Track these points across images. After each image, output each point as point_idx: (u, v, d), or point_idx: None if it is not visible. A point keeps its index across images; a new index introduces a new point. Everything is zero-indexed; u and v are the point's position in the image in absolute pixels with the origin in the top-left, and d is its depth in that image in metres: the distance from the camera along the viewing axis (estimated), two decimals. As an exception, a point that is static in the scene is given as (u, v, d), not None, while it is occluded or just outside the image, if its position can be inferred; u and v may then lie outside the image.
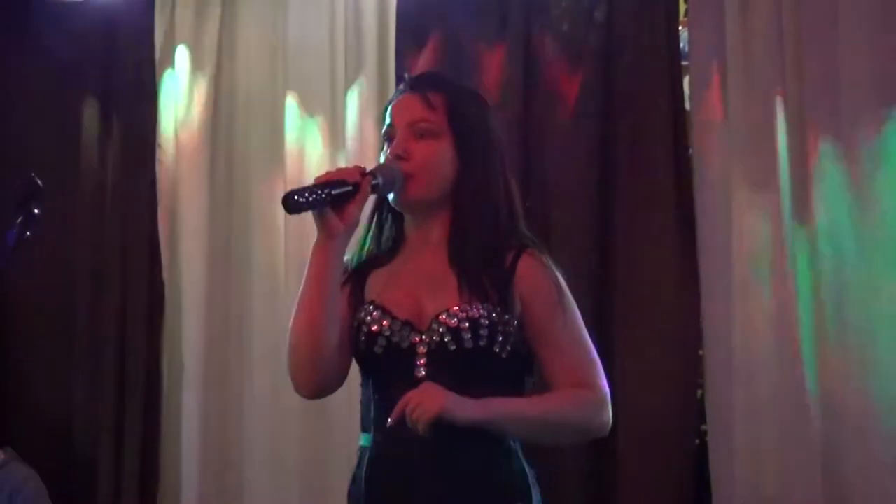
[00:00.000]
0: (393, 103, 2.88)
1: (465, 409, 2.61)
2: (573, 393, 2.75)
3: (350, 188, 2.65)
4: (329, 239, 2.67)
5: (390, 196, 2.81)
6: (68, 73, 5.30)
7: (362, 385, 2.85)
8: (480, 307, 2.70)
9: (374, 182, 2.70)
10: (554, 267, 2.80)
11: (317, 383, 2.80)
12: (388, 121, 2.86)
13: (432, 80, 2.93)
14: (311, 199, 2.60)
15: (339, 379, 2.81)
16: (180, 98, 5.17)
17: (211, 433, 5.04)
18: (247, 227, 5.08)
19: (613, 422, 2.81)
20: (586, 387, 2.75)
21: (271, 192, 5.04)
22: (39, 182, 3.10)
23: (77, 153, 5.28)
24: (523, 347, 2.76)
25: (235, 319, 5.08)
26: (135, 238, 5.16)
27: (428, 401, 2.57)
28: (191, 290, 5.09)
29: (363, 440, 2.81)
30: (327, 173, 2.69)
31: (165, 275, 5.14)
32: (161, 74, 5.21)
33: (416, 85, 2.86)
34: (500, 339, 2.70)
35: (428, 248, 2.82)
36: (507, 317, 2.71)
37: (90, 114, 5.29)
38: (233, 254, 5.11)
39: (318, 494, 4.90)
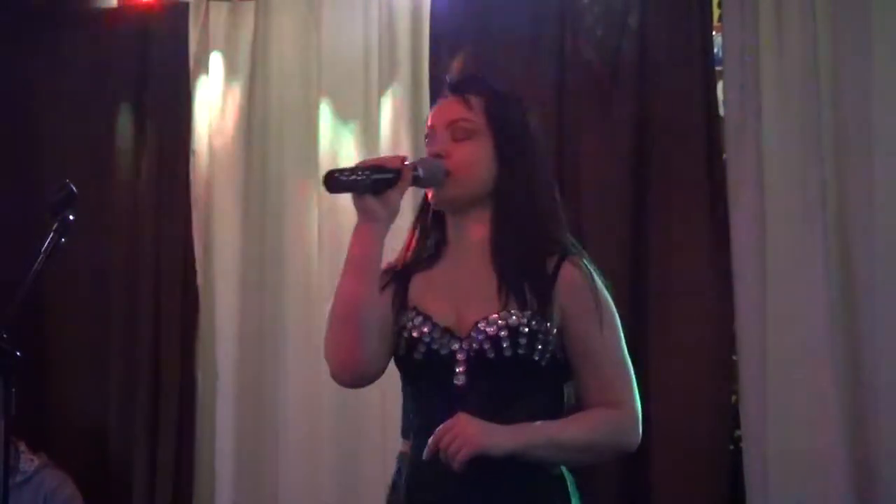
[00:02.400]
0: (435, 106, 2.91)
1: (500, 441, 2.60)
2: (604, 414, 2.73)
3: (390, 175, 2.67)
4: (369, 221, 2.68)
5: (429, 194, 2.82)
6: (103, 80, 5.32)
7: (403, 390, 2.85)
8: (520, 315, 2.69)
9: (414, 173, 2.72)
10: (597, 276, 2.78)
11: (353, 367, 2.75)
12: (429, 122, 2.88)
13: (471, 81, 2.92)
14: (351, 178, 2.64)
15: (376, 369, 2.78)
16: (214, 104, 5.18)
17: (245, 438, 5.04)
18: (281, 232, 5.09)
19: (647, 427, 2.80)
20: (617, 406, 2.73)
21: (305, 199, 5.05)
22: (74, 189, 3.11)
23: (111, 160, 5.30)
24: (561, 355, 2.74)
25: (269, 325, 5.09)
26: (169, 244, 5.17)
27: (462, 438, 2.56)
28: (225, 296, 5.11)
29: (403, 446, 2.81)
30: (368, 159, 2.74)
31: (200, 281, 5.15)
32: (195, 81, 5.22)
33: (455, 87, 2.88)
34: (540, 347, 2.69)
35: (469, 251, 2.81)
36: (546, 325, 2.70)
37: (125, 120, 5.31)
38: (267, 260, 5.12)
39: (353, 498, 4.89)
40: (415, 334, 2.74)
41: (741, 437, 4.58)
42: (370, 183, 2.65)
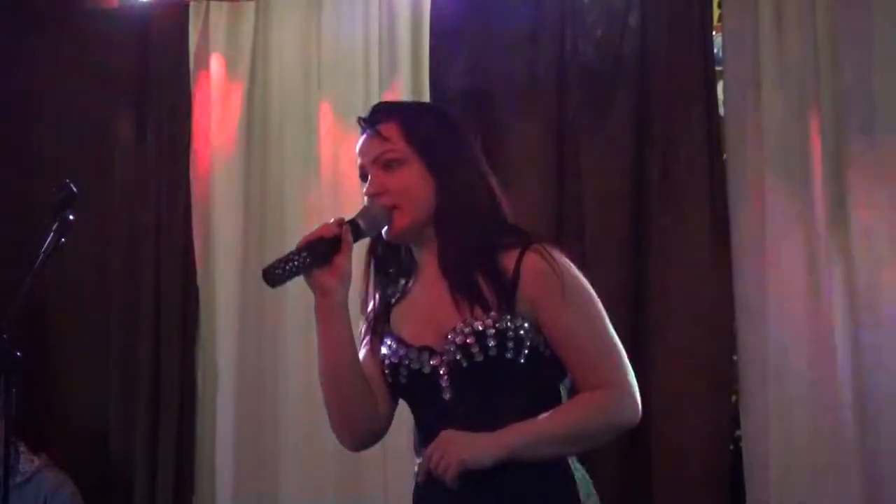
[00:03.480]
0: (358, 146, 2.88)
1: (486, 450, 2.60)
2: (589, 397, 2.69)
3: (330, 243, 2.70)
4: (325, 297, 2.74)
5: (383, 233, 2.81)
6: (103, 81, 5.32)
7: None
8: (484, 318, 2.68)
9: (355, 229, 2.74)
10: (562, 260, 2.74)
11: (355, 437, 2.87)
12: (358, 161, 2.87)
13: (381, 111, 2.90)
14: (288, 267, 2.70)
15: (379, 429, 2.86)
16: (214, 104, 5.18)
17: (246, 439, 5.04)
18: (281, 233, 5.08)
19: (647, 427, 2.80)
20: (604, 385, 2.69)
21: (306, 200, 5.05)
22: (74, 189, 3.11)
23: (112, 161, 5.30)
24: (546, 349, 2.71)
25: (270, 325, 5.08)
26: (169, 245, 5.17)
27: (446, 458, 2.57)
28: (225, 297, 5.10)
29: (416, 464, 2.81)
30: (305, 236, 2.74)
31: (200, 282, 5.14)
32: (195, 81, 5.21)
33: (368, 123, 2.87)
34: (511, 345, 2.67)
35: (433, 270, 2.80)
36: (516, 322, 2.68)
37: (125, 121, 5.30)
38: (267, 260, 5.09)
39: (354, 498, 4.89)
40: (394, 360, 2.77)
41: (741, 437, 4.58)
42: (310, 262, 2.69)
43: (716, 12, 4.82)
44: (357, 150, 2.88)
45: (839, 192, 4.48)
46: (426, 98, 4.87)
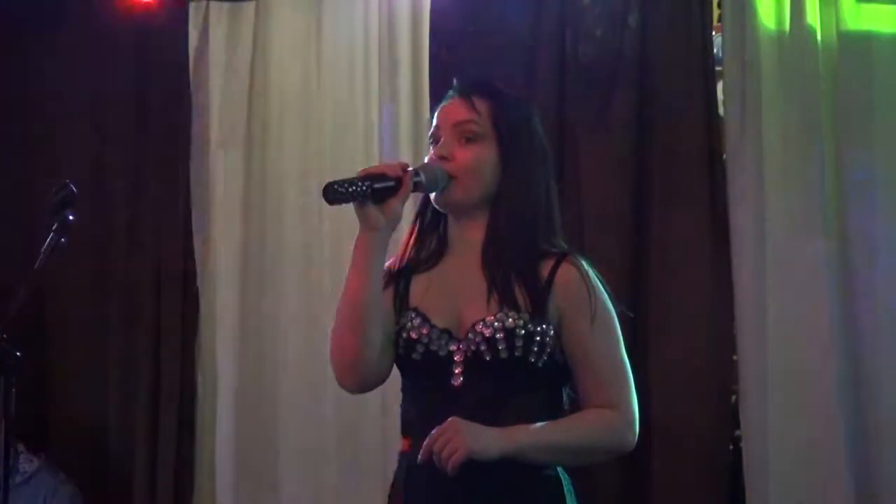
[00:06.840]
0: (441, 107, 2.90)
1: (491, 445, 2.61)
2: (599, 415, 2.74)
3: (391, 183, 2.68)
4: (370, 231, 2.70)
5: (432, 196, 2.83)
6: (103, 80, 5.32)
7: (402, 389, 2.86)
8: (517, 317, 2.70)
9: (416, 179, 2.73)
10: (596, 277, 2.79)
11: (359, 376, 2.80)
12: (434, 122, 2.88)
13: (479, 84, 2.92)
14: (350, 190, 2.65)
15: (382, 374, 2.83)
16: (214, 102, 5.17)
17: (245, 438, 5.04)
18: (281, 234, 5.08)
19: (647, 427, 2.81)
20: (614, 407, 2.74)
21: (306, 200, 5.04)
22: (74, 189, 3.11)
23: (112, 160, 5.29)
24: (560, 356, 2.75)
25: (269, 329, 5.08)
26: (169, 245, 5.16)
27: (454, 443, 2.57)
28: (225, 297, 5.10)
29: (402, 444, 2.82)
30: (370, 167, 2.73)
31: (199, 283, 5.14)
32: (195, 81, 5.20)
33: (462, 89, 2.88)
34: (536, 349, 2.70)
35: (469, 252, 2.82)
36: (543, 326, 2.71)
37: (124, 117, 5.29)
38: (267, 262, 5.11)
39: (354, 498, 4.89)
40: (413, 335, 2.76)
41: (741, 437, 4.58)
42: (370, 192, 2.67)
43: (716, 12, 4.81)
44: (438, 110, 2.89)
45: (839, 191, 4.49)
46: (426, 98, 4.87)
